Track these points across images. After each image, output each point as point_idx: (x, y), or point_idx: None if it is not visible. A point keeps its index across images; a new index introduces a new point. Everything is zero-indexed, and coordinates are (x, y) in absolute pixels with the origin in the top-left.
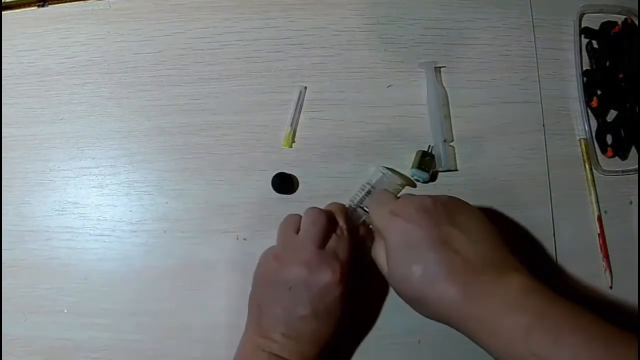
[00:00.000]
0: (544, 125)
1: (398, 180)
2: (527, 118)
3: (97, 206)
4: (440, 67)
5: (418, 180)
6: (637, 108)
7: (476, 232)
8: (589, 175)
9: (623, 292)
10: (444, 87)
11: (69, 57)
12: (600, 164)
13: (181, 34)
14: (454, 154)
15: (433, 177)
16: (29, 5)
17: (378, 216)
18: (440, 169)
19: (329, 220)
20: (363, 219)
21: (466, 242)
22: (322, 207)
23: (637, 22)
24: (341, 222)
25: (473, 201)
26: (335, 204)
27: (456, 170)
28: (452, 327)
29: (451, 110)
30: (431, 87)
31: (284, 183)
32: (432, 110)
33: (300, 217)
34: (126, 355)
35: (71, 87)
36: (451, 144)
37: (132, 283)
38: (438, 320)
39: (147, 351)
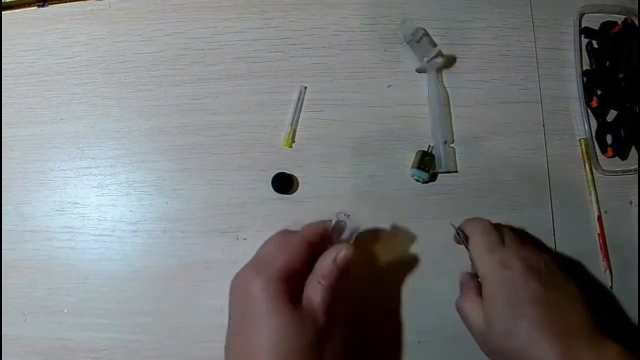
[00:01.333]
0: (544, 125)
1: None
2: (527, 118)
3: (97, 206)
4: (442, 68)
5: (418, 180)
6: (637, 108)
7: (574, 297)
8: (589, 175)
9: (623, 292)
10: (445, 88)
11: (69, 57)
12: (600, 164)
13: (181, 34)
14: (454, 155)
15: (433, 178)
16: (29, 5)
17: (487, 265)
18: (439, 169)
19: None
20: (346, 238)
21: (568, 306)
22: (321, 207)
23: (637, 22)
24: (325, 265)
25: (473, 201)
26: (311, 230)
27: (456, 171)
28: None
29: (451, 110)
30: (432, 87)
31: (284, 183)
32: (433, 110)
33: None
34: (126, 356)
35: (71, 87)
36: (451, 145)
37: (132, 283)
38: None
39: (147, 351)
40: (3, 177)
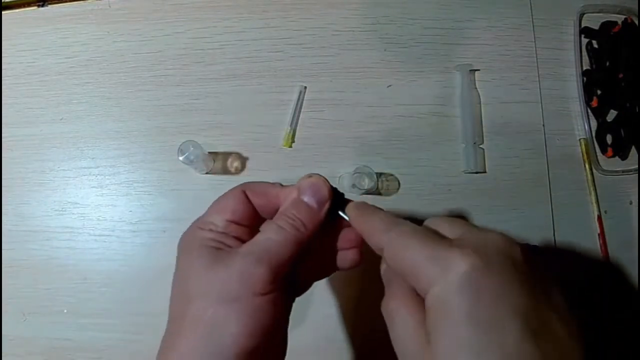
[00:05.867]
0: (544, 125)
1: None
2: (527, 118)
3: (97, 206)
4: (475, 70)
5: None
6: (637, 108)
7: (568, 316)
8: (589, 175)
9: (623, 292)
10: (477, 90)
11: (69, 57)
12: (600, 164)
13: (181, 34)
14: (484, 156)
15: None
16: (29, 5)
17: (424, 248)
18: (470, 170)
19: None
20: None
21: (565, 333)
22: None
23: (637, 22)
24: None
25: (473, 201)
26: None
27: (484, 172)
28: None
29: (450, 111)
30: (466, 89)
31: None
32: (465, 112)
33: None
34: (126, 355)
35: (71, 87)
36: (481, 146)
37: (132, 283)
38: None
39: (147, 351)
40: (3, 177)
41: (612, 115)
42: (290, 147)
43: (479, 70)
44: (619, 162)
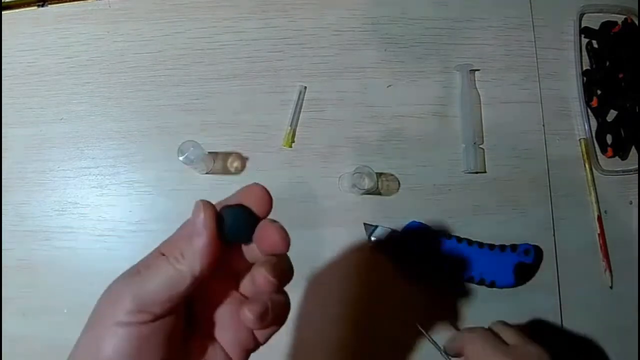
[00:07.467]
0: (544, 125)
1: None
2: (527, 118)
3: (97, 206)
4: (475, 70)
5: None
6: (637, 108)
7: None
8: (589, 175)
9: (623, 292)
10: (477, 90)
11: (69, 57)
12: (600, 164)
13: (181, 34)
14: (484, 156)
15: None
16: (28, 5)
17: (490, 349)
18: (470, 170)
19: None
20: None
21: None
22: (321, 207)
23: (637, 22)
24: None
25: (473, 201)
26: None
27: (484, 172)
28: None
29: (450, 111)
30: (465, 89)
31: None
32: (465, 112)
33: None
34: None
35: (71, 87)
36: (481, 146)
37: None
38: None
39: None
40: (3, 177)
41: (612, 115)
42: (290, 147)
43: (479, 70)
44: (619, 162)
